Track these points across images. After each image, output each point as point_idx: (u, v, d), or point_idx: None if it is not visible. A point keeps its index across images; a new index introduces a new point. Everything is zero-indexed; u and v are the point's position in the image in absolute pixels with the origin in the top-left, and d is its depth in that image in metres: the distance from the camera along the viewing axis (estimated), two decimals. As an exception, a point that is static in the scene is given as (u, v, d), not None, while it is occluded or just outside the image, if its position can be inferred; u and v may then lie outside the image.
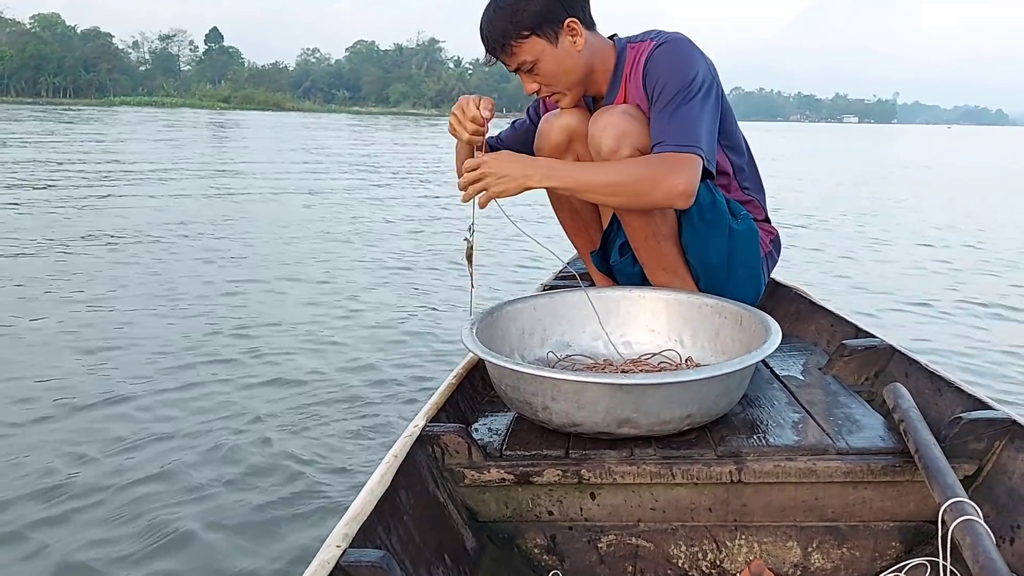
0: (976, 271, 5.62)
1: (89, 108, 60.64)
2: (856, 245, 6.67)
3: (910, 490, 1.34)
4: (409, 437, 1.34)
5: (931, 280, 5.26)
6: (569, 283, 2.56)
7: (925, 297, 4.64)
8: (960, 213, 9.33)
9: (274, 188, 9.85)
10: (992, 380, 3.09)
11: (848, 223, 8.13)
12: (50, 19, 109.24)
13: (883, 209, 9.58)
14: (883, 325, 3.79)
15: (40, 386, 2.80)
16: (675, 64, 1.65)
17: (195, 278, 4.66)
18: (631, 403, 1.33)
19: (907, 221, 8.43)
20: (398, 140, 25.76)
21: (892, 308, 4.39)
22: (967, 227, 7.92)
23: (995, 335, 3.85)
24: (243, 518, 1.94)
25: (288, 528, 1.90)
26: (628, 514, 1.38)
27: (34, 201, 7.82)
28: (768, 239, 1.92)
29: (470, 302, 1.67)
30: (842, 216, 8.68)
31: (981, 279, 5.32)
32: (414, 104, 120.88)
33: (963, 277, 5.37)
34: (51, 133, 21.02)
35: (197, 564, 1.76)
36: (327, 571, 0.96)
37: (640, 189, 1.57)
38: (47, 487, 2.07)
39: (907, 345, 1.77)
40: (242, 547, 1.82)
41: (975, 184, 14.77)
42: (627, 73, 1.75)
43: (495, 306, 1.72)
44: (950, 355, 3.42)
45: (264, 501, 2.02)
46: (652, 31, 1.79)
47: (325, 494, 2.05)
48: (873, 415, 1.51)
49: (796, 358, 1.91)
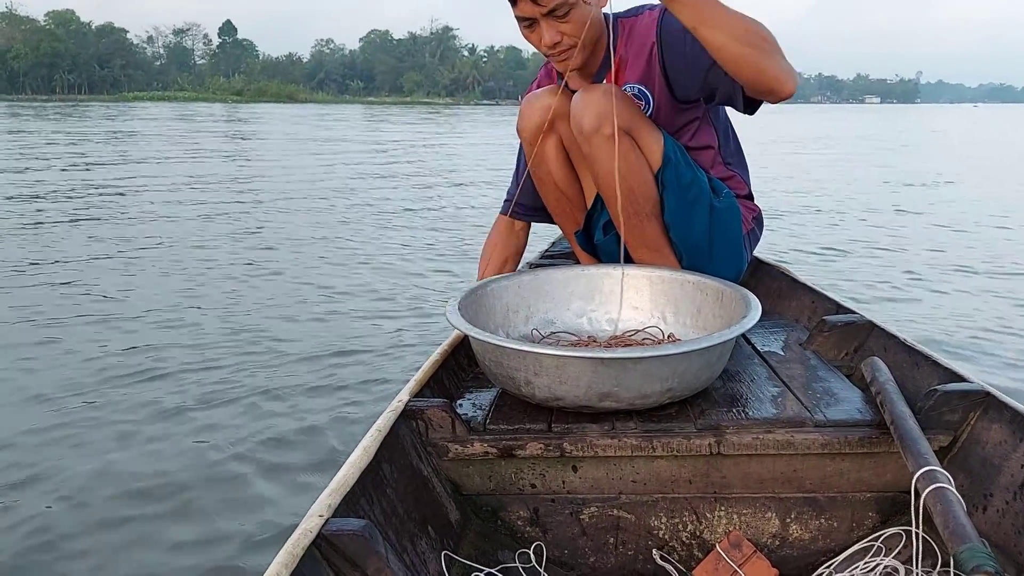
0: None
1: (96, 104, 60.81)
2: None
3: (887, 461, 1.36)
4: (393, 412, 1.36)
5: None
6: (554, 262, 2.59)
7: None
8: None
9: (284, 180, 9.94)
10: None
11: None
12: (64, 16, 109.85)
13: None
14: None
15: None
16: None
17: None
18: (612, 377, 1.35)
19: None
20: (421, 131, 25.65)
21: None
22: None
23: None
24: (225, 490, 1.99)
25: (271, 499, 1.95)
26: (609, 486, 1.40)
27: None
28: (751, 216, 1.93)
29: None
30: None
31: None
32: (428, 93, 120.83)
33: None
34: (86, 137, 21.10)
35: (182, 533, 1.82)
36: (309, 540, 0.98)
37: (767, 47, 1.49)
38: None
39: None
40: (225, 518, 1.88)
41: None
42: (621, 51, 1.76)
43: (480, 284, 1.74)
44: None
45: (246, 472, 2.07)
46: (638, 6, 1.80)
47: (308, 467, 2.10)
48: (852, 389, 1.53)
49: (777, 334, 1.92)
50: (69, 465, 2.12)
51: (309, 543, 0.98)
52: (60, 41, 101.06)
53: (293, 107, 66.73)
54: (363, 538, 1.01)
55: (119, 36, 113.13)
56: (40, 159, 11.86)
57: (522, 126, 1.84)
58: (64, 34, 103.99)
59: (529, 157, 1.88)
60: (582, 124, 1.65)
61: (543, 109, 1.79)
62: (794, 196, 8.52)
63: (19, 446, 2.23)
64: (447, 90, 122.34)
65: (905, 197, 8.69)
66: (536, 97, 1.82)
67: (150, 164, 11.57)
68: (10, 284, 4.17)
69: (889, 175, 11.12)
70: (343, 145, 17.18)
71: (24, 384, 2.71)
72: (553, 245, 2.94)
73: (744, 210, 1.88)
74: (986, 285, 4.42)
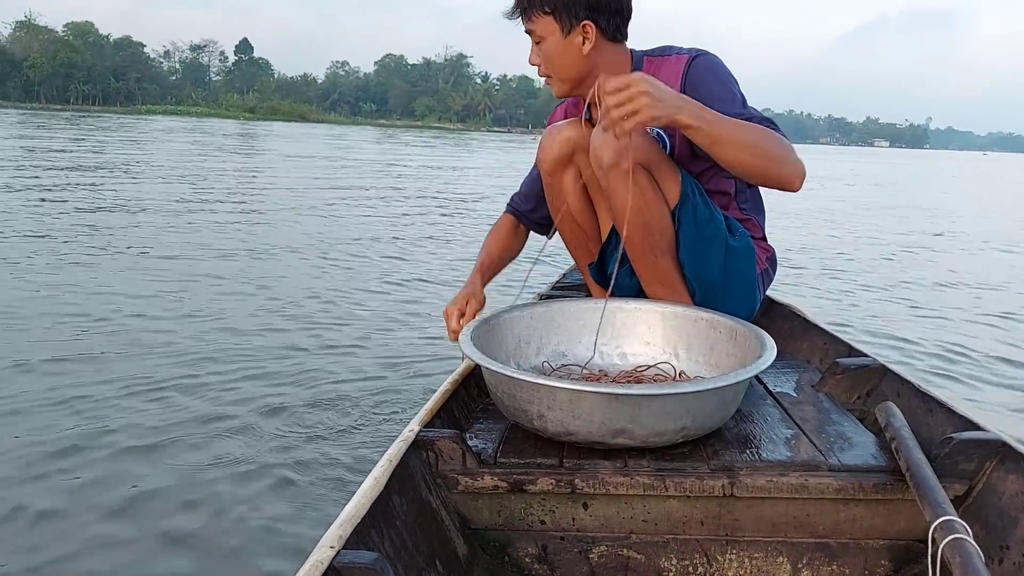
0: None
1: (109, 116, 60.97)
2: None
3: (900, 508, 1.34)
4: (404, 442, 1.35)
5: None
6: (566, 293, 2.58)
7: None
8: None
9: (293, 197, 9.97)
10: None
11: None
12: (83, 27, 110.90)
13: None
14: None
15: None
16: (721, 74, 1.75)
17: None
18: (627, 414, 1.34)
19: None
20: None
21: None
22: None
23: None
24: (236, 519, 1.96)
25: (281, 528, 1.92)
26: (620, 525, 1.39)
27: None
28: (765, 256, 1.93)
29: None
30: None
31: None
32: (439, 118, 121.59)
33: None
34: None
35: (191, 562, 1.79)
36: (320, 571, 0.97)
37: (775, 155, 1.56)
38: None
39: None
40: (234, 548, 1.85)
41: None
42: None
43: (492, 314, 1.74)
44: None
45: (257, 501, 2.04)
46: (667, 47, 1.82)
47: (319, 496, 2.07)
48: (865, 433, 1.52)
49: (789, 375, 1.92)
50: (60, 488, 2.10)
51: (320, 575, 0.97)
52: (77, 52, 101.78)
53: (304, 126, 67.07)
54: (375, 571, 1.00)
55: (136, 50, 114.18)
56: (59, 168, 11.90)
57: (542, 157, 1.85)
58: (82, 45, 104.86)
59: (548, 189, 1.89)
60: (601, 158, 1.65)
61: (563, 141, 1.80)
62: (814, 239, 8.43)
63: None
64: (458, 116, 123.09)
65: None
66: (557, 129, 1.83)
67: (144, 183, 11.60)
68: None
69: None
70: (363, 166, 17.24)
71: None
72: (565, 276, 2.94)
73: (758, 250, 1.88)
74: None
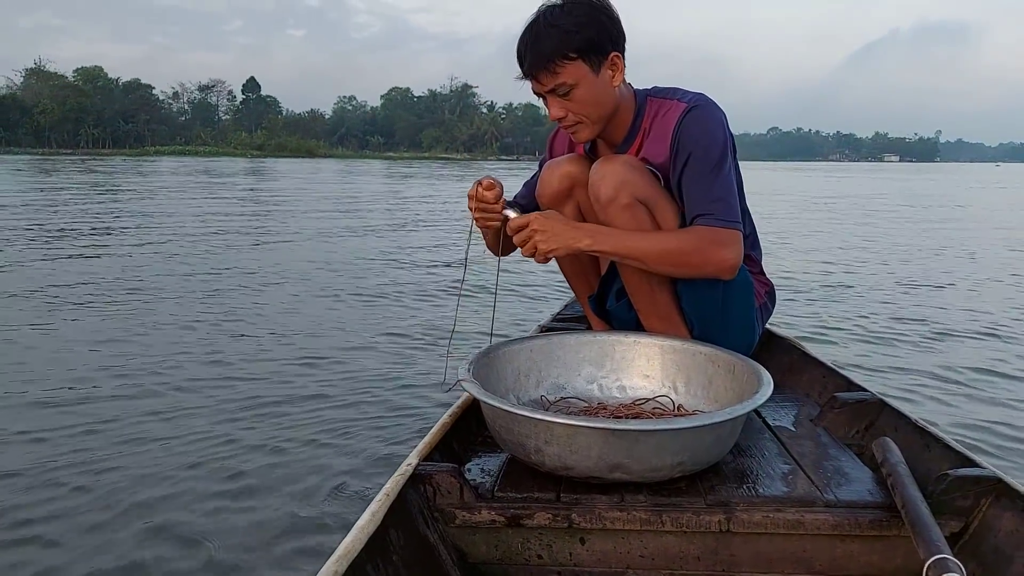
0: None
1: (114, 158, 61.16)
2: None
3: (897, 545, 1.34)
4: (401, 476, 1.36)
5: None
6: (566, 325, 2.59)
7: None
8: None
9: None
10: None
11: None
12: (92, 72, 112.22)
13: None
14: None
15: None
16: (708, 131, 1.70)
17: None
18: (624, 449, 1.34)
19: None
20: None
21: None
22: None
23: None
24: (229, 556, 1.91)
25: (277, 564, 1.90)
26: (617, 560, 1.39)
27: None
28: (763, 291, 1.94)
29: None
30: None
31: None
32: (446, 149, 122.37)
33: None
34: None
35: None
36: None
37: (691, 261, 1.67)
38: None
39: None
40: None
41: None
42: (646, 126, 1.77)
43: (491, 347, 1.75)
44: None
45: (254, 535, 2.01)
46: (672, 88, 1.81)
47: (316, 530, 2.06)
48: (862, 468, 1.52)
49: (788, 409, 1.92)
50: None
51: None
52: (87, 96, 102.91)
53: (311, 161, 67.41)
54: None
55: (145, 92, 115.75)
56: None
57: (541, 192, 1.89)
58: (91, 90, 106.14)
59: None
60: (599, 193, 1.68)
61: (563, 176, 1.83)
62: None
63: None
64: (465, 146, 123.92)
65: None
66: (557, 164, 1.86)
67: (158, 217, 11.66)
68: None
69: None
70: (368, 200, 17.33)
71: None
72: (565, 308, 2.95)
73: (757, 284, 1.89)
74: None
